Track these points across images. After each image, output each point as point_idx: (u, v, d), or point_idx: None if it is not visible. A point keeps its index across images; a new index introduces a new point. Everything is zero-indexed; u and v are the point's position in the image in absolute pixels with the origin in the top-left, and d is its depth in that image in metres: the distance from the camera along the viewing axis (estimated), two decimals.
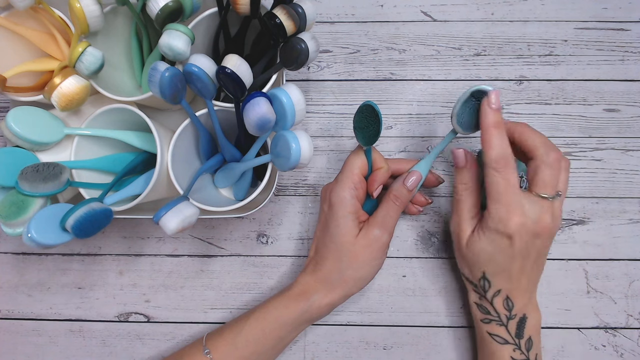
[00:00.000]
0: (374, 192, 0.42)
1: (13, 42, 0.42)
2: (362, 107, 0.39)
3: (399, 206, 0.42)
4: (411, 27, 0.52)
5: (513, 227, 0.37)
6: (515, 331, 0.40)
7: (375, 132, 0.39)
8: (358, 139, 0.41)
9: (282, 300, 0.42)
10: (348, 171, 0.42)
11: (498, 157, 0.37)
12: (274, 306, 0.42)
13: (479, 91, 0.38)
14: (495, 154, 0.37)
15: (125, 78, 0.47)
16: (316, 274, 0.42)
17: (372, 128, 0.39)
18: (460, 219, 0.41)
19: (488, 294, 0.41)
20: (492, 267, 0.39)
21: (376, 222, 0.41)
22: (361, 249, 0.41)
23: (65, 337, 0.49)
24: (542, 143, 0.39)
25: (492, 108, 0.37)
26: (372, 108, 0.38)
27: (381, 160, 0.43)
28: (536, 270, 0.41)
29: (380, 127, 0.38)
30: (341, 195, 0.41)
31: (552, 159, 0.38)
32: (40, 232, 0.35)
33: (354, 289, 0.43)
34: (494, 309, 0.41)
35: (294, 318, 0.41)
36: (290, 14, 0.38)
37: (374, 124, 0.39)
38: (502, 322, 0.40)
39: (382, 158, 0.43)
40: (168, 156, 0.41)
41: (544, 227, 0.38)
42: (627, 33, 0.52)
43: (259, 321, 0.42)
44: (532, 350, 0.40)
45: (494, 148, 0.37)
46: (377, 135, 0.39)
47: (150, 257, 0.50)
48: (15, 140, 0.39)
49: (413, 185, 0.41)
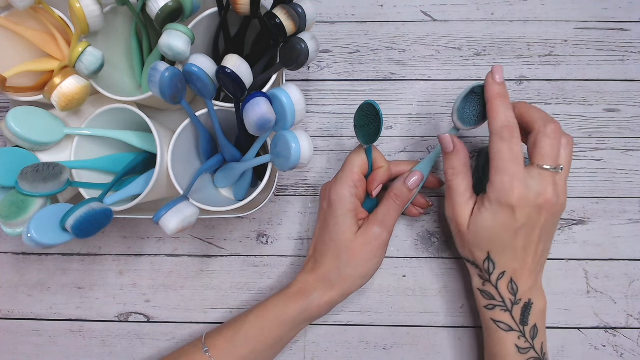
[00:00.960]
0: (374, 191, 0.42)
1: (13, 42, 0.42)
2: (362, 105, 0.40)
3: (399, 205, 0.42)
4: (411, 27, 0.52)
5: (515, 198, 0.37)
6: (520, 317, 0.40)
7: (376, 131, 0.39)
8: (358, 137, 0.41)
9: (282, 299, 0.42)
10: (348, 169, 0.42)
11: (503, 126, 0.37)
12: (273, 304, 0.42)
13: (480, 87, 0.39)
14: (500, 122, 0.37)
15: (125, 78, 0.47)
16: (315, 272, 0.42)
17: (373, 126, 0.39)
18: (454, 204, 0.40)
19: (492, 277, 0.40)
20: (496, 245, 0.39)
21: (376, 220, 0.41)
22: (360, 247, 0.41)
23: (65, 337, 0.49)
24: (541, 116, 0.39)
25: (496, 81, 0.38)
26: (372, 107, 0.38)
27: (382, 159, 0.43)
28: (542, 250, 0.40)
29: (380, 125, 0.38)
30: (340, 193, 0.41)
31: (551, 130, 0.37)
32: (40, 232, 0.35)
33: (353, 287, 0.42)
34: (498, 293, 0.40)
35: (293, 317, 0.41)
36: (290, 14, 0.38)
37: (375, 122, 0.39)
38: (507, 307, 0.40)
39: (383, 157, 0.43)
40: (168, 156, 0.41)
41: (546, 200, 0.37)
42: (627, 33, 0.52)
43: (258, 319, 0.42)
44: (538, 339, 0.40)
45: (499, 116, 0.37)
46: (378, 134, 0.39)
47: (150, 257, 0.50)
48: (15, 140, 0.39)
49: (414, 185, 0.41)
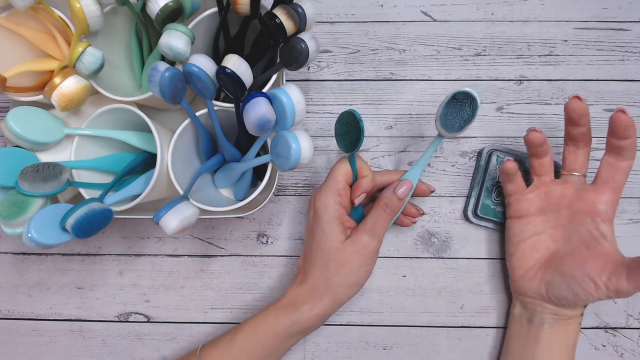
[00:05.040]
0: (356, 200, 0.41)
1: (13, 42, 0.42)
2: (342, 114, 0.40)
3: (389, 214, 0.41)
4: (411, 27, 0.52)
5: None
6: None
7: (356, 139, 0.39)
8: (339, 145, 0.41)
9: (272, 312, 0.42)
10: (332, 178, 0.41)
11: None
12: (265, 317, 0.42)
13: (461, 92, 0.38)
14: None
15: (125, 78, 0.47)
16: (304, 284, 0.42)
17: (353, 135, 0.39)
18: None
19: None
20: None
21: (365, 229, 0.41)
22: (349, 255, 0.40)
23: (65, 337, 0.49)
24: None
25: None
26: (353, 115, 0.38)
27: (366, 169, 0.42)
28: None
29: (361, 134, 0.38)
30: (325, 201, 0.41)
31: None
32: (40, 232, 0.35)
33: (343, 296, 0.42)
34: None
35: (284, 329, 0.41)
36: (290, 14, 0.38)
37: (355, 131, 0.39)
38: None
39: (368, 167, 0.42)
40: (168, 156, 0.41)
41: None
42: (627, 33, 0.52)
43: (250, 332, 0.41)
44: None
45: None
46: (358, 142, 0.38)
47: (150, 257, 0.50)
48: (15, 140, 0.39)
49: (404, 194, 0.41)
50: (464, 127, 0.39)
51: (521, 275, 0.44)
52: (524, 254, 0.44)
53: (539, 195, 0.44)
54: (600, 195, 0.41)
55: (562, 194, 0.43)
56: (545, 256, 0.43)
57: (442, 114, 0.40)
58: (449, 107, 0.39)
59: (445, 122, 0.40)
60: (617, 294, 0.38)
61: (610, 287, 0.38)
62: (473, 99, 0.38)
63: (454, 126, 0.40)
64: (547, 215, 0.44)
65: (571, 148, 0.43)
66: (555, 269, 0.41)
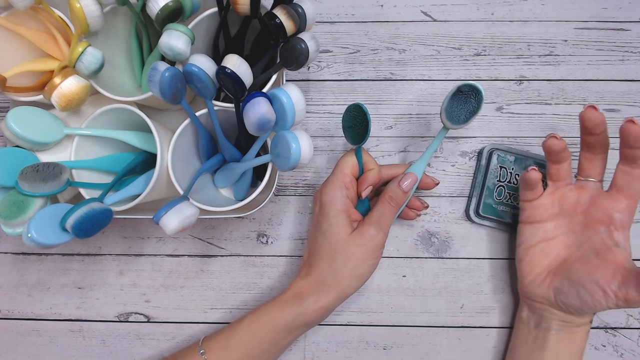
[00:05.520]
0: (363, 192, 0.42)
1: (13, 42, 0.42)
2: (350, 107, 0.40)
3: (394, 207, 0.41)
4: (411, 27, 0.52)
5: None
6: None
7: (364, 132, 0.39)
8: (346, 137, 0.42)
9: (276, 304, 0.42)
10: (338, 171, 0.42)
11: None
12: (268, 309, 0.42)
13: (466, 85, 0.39)
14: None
15: (125, 78, 0.47)
16: (310, 276, 0.42)
17: (361, 127, 0.40)
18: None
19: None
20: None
21: (371, 222, 0.41)
22: (356, 248, 0.41)
23: (65, 337, 0.49)
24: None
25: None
26: (360, 108, 0.39)
27: (372, 162, 0.43)
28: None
29: (368, 126, 0.39)
30: (332, 194, 0.41)
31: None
32: (40, 232, 0.35)
33: (349, 289, 0.42)
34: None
35: (288, 322, 0.41)
36: (290, 14, 0.38)
37: (362, 123, 0.39)
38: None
39: (373, 160, 0.43)
40: (168, 156, 0.41)
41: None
42: (627, 33, 0.52)
43: (252, 324, 0.41)
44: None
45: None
46: (366, 134, 0.39)
47: (150, 257, 0.50)
48: (15, 140, 0.39)
49: (408, 187, 0.41)
50: (470, 118, 0.40)
51: (530, 281, 0.43)
52: (533, 260, 0.43)
53: (553, 202, 0.43)
54: (616, 204, 0.40)
55: (577, 200, 0.42)
56: (556, 262, 0.42)
57: (447, 107, 0.40)
58: (454, 100, 0.40)
59: (451, 115, 0.40)
60: (626, 303, 0.37)
61: (620, 296, 0.37)
62: (478, 91, 0.39)
63: (459, 118, 0.40)
64: (560, 221, 0.43)
65: (587, 154, 0.41)
66: (565, 276, 0.41)
